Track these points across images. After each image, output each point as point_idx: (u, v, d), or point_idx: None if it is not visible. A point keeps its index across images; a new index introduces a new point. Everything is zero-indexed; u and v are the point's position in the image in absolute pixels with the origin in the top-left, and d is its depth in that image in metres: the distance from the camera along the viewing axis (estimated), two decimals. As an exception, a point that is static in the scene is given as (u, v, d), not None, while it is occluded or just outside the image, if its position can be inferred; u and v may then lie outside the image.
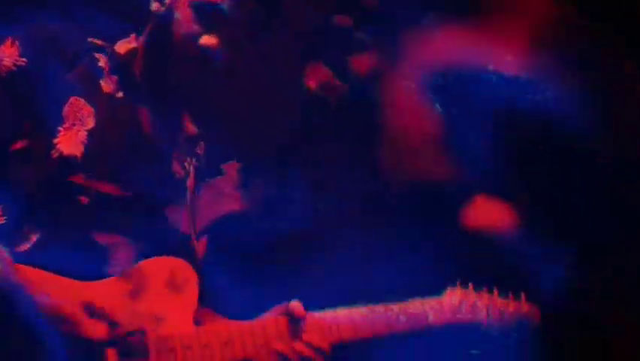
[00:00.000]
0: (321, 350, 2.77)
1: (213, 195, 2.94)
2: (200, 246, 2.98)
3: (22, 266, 2.72)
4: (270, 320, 2.84)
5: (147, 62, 2.88)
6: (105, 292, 2.79)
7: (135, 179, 2.88)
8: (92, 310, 2.75)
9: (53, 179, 2.79)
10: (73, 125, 2.78)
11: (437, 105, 3.36)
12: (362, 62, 3.35)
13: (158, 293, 2.82)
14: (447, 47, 3.31)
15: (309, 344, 2.76)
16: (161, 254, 2.86)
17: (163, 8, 2.82)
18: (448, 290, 2.95)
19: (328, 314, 2.87)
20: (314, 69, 3.29)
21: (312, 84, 3.29)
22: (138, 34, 2.92)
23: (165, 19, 2.82)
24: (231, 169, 2.98)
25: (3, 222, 2.76)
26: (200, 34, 2.80)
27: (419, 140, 3.42)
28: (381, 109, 3.30)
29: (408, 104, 3.38)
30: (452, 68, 3.36)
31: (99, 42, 2.88)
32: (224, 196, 2.95)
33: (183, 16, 2.79)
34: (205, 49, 2.79)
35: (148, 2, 2.87)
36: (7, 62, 2.71)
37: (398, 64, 3.35)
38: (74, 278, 2.78)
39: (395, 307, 2.90)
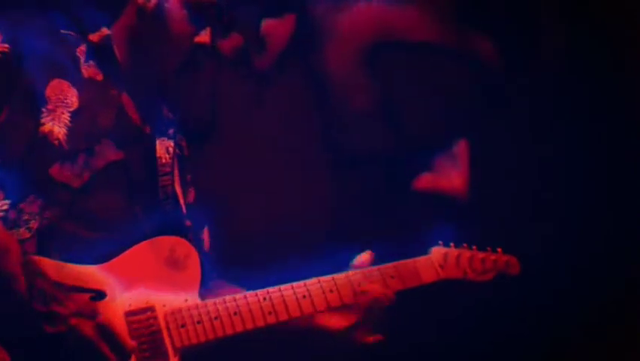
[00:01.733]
0: None
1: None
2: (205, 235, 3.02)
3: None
4: (274, 288, 2.91)
5: (128, 47, 2.88)
6: (108, 274, 2.76)
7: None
8: (100, 294, 2.73)
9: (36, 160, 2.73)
10: (57, 106, 2.74)
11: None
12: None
13: (161, 271, 2.83)
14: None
15: None
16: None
17: (149, 5, 2.83)
18: (434, 249, 3.12)
19: (328, 279, 2.98)
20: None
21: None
22: (108, 21, 2.92)
23: (153, 18, 2.84)
24: None
25: (7, 207, 2.71)
26: (193, 32, 2.84)
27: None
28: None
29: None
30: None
31: (71, 33, 2.87)
32: None
33: (175, 15, 2.82)
34: (198, 46, 2.84)
35: None
36: None
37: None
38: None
39: (388, 268, 3.03)
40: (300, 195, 3.50)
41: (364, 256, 3.03)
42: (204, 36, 2.87)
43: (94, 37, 2.87)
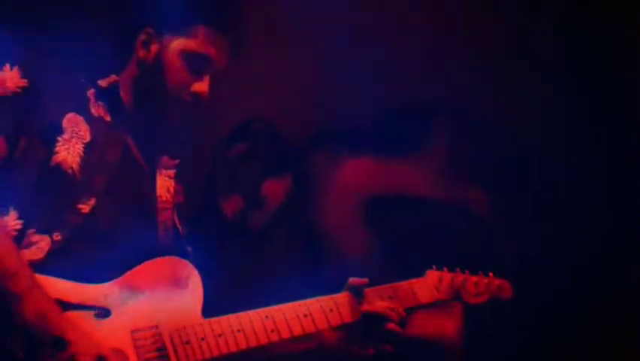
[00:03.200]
0: None
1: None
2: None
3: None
4: (276, 307, 2.95)
5: (132, 97, 3.05)
6: (113, 293, 2.80)
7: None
8: (105, 312, 2.75)
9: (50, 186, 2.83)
10: (72, 137, 2.87)
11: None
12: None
13: (164, 290, 2.87)
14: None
15: None
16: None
17: (149, 56, 2.97)
18: (428, 272, 3.20)
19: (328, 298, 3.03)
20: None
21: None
22: (117, 67, 3.09)
23: (152, 69, 2.99)
24: None
25: (20, 227, 2.77)
26: (190, 82, 2.98)
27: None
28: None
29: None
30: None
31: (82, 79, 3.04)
32: None
33: (173, 66, 2.96)
34: (196, 95, 2.98)
35: (133, 36, 3.04)
36: (10, 83, 2.82)
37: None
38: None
39: (387, 288, 3.10)
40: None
41: (360, 279, 3.10)
42: (202, 85, 2.99)
43: (103, 82, 3.05)
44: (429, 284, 3.18)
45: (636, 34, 3.76)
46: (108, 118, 2.97)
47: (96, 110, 2.96)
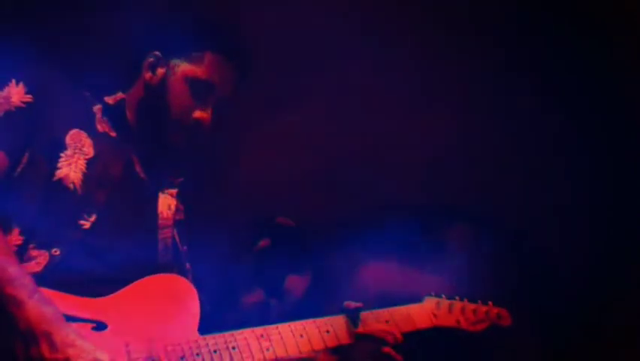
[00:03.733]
0: None
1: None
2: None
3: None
4: (272, 326, 2.96)
5: (137, 117, 3.11)
6: (111, 307, 2.82)
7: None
8: (101, 325, 2.77)
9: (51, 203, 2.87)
10: (75, 153, 2.92)
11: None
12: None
13: (162, 306, 2.89)
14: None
15: None
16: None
17: (154, 79, 3.04)
18: (426, 298, 3.20)
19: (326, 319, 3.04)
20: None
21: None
22: (124, 85, 3.15)
23: (157, 91, 3.05)
24: None
25: (21, 242, 2.82)
26: (193, 107, 3.04)
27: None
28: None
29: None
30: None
31: (88, 95, 3.10)
32: None
33: (177, 90, 3.02)
34: (197, 121, 3.04)
35: (141, 57, 3.11)
36: (15, 98, 2.89)
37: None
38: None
39: (384, 312, 3.10)
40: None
41: (355, 303, 3.10)
42: (204, 113, 3.04)
43: (110, 99, 3.11)
44: (427, 310, 3.18)
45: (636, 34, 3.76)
46: (113, 134, 3.02)
47: (101, 126, 3.02)
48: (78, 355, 2.61)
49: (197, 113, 3.03)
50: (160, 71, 3.05)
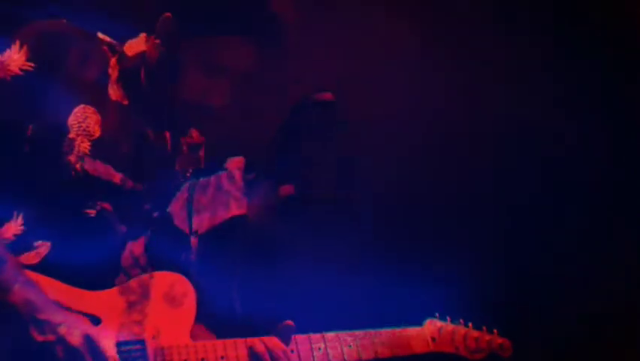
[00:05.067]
0: None
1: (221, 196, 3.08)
2: (193, 242, 3.09)
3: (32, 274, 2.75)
4: (263, 338, 2.96)
5: (155, 73, 2.93)
6: (107, 302, 2.85)
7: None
8: (95, 319, 2.81)
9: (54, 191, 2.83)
10: (78, 135, 2.81)
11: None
12: None
13: (157, 306, 2.90)
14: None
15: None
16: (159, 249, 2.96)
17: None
18: (429, 321, 3.14)
19: (318, 336, 3.02)
20: None
21: None
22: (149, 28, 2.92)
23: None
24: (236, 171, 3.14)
25: (21, 232, 2.79)
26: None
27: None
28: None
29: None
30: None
31: (108, 39, 2.89)
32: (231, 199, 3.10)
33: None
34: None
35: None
36: (13, 66, 2.68)
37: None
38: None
39: (381, 334, 3.06)
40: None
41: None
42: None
43: (130, 48, 2.90)
44: (426, 334, 3.12)
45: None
46: (126, 102, 2.88)
47: (114, 92, 2.85)
48: (70, 333, 2.64)
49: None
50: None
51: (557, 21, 3.68)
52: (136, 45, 2.93)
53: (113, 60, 2.89)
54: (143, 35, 2.91)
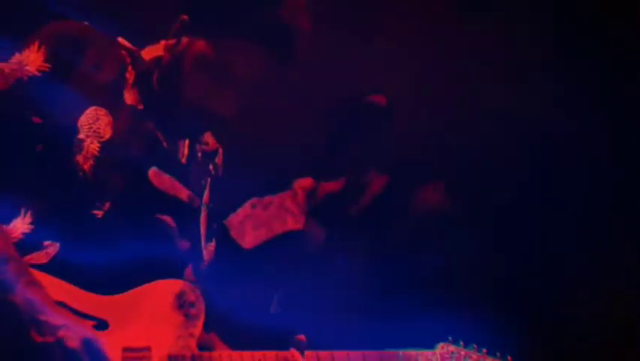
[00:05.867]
0: None
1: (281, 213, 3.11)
2: (208, 252, 3.08)
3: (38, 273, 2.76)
4: (271, 351, 2.93)
5: (167, 77, 2.95)
6: (115, 307, 2.85)
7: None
8: (102, 324, 2.81)
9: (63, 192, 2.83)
10: (87, 136, 2.81)
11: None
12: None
13: (166, 313, 2.89)
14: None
15: None
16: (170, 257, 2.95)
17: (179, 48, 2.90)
18: (441, 345, 3.08)
19: (326, 354, 2.98)
20: None
21: None
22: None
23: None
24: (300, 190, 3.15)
25: (29, 231, 2.79)
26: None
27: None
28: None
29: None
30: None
31: (128, 44, 2.90)
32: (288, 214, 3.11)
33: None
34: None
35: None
36: (31, 67, 2.70)
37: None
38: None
39: (389, 354, 3.01)
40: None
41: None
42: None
43: (148, 52, 2.92)
44: (437, 358, 3.07)
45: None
46: (141, 106, 2.88)
47: (129, 97, 2.86)
48: (69, 336, 2.63)
49: None
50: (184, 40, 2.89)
51: (557, 21, 3.61)
52: (154, 50, 2.94)
53: (130, 65, 2.90)
54: (162, 42, 2.92)
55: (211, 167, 3.03)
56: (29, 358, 2.64)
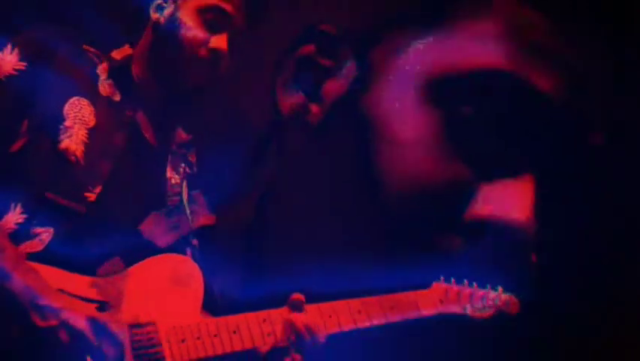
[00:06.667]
0: (316, 338, 2.91)
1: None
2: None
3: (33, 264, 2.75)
4: (274, 310, 2.97)
5: (148, 66, 3.00)
6: (114, 287, 2.85)
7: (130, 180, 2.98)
8: (104, 305, 2.81)
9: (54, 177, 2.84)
10: (74, 123, 2.86)
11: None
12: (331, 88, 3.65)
13: (164, 287, 2.90)
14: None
15: (308, 328, 2.89)
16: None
17: (163, 18, 2.96)
18: (434, 284, 3.17)
19: (327, 305, 3.03)
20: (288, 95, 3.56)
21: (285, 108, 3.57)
22: (132, 38, 3.04)
23: (168, 29, 2.95)
24: None
25: (23, 220, 2.80)
26: (208, 39, 2.94)
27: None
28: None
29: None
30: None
31: (93, 50, 2.99)
32: None
33: (189, 23, 2.94)
34: (215, 51, 2.94)
35: (143, 8, 3.00)
36: (7, 66, 2.79)
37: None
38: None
39: (389, 299, 3.09)
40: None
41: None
42: (220, 40, 2.93)
43: (117, 54, 2.99)
44: (434, 297, 3.15)
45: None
46: (117, 97, 2.94)
47: (104, 89, 2.93)
48: (74, 316, 2.64)
49: (214, 42, 2.91)
50: (168, 10, 2.94)
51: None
52: (123, 51, 3.03)
53: (101, 65, 2.97)
54: (126, 46, 3.02)
55: (184, 166, 3.08)
56: (34, 344, 2.63)
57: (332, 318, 3.01)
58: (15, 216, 2.79)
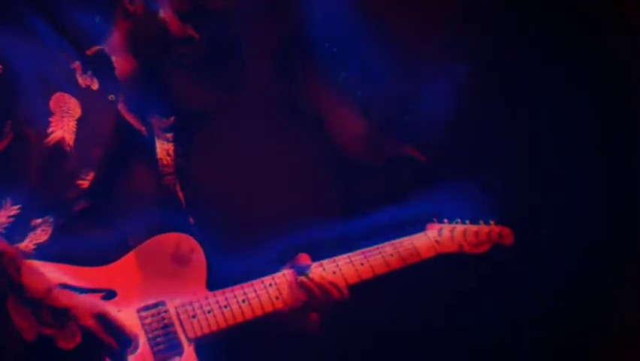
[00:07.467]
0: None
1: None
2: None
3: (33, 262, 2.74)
4: (279, 274, 3.00)
5: (133, 49, 3.02)
6: (118, 273, 2.85)
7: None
8: (111, 293, 2.81)
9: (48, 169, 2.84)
10: (62, 117, 2.85)
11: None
12: None
13: (168, 267, 2.92)
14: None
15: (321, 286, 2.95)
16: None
17: (140, 8, 2.97)
18: (428, 225, 3.22)
19: (329, 262, 3.07)
20: None
21: None
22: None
23: (146, 17, 2.96)
24: None
25: (16, 212, 2.78)
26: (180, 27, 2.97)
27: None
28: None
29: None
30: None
31: (65, 55, 2.98)
32: None
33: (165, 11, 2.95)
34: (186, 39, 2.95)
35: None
36: None
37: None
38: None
39: (387, 246, 3.13)
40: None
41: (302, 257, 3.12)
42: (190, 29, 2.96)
43: (90, 51, 2.98)
44: (430, 238, 3.20)
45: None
46: (96, 86, 2.93)
47: (83, 81, 2.92)
48: (80, 315, 2.65)
49: (185, 30, 2.95)
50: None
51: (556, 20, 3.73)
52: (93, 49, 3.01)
53: (76, 62, 2.96)
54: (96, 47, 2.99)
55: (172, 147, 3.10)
56: (44, 346, 2.64)
57: (337, 274, 3.05)
58: (7, 210, 2.78)
